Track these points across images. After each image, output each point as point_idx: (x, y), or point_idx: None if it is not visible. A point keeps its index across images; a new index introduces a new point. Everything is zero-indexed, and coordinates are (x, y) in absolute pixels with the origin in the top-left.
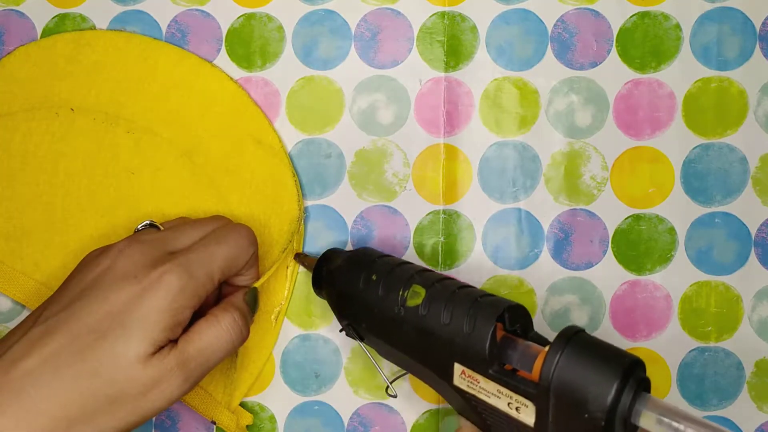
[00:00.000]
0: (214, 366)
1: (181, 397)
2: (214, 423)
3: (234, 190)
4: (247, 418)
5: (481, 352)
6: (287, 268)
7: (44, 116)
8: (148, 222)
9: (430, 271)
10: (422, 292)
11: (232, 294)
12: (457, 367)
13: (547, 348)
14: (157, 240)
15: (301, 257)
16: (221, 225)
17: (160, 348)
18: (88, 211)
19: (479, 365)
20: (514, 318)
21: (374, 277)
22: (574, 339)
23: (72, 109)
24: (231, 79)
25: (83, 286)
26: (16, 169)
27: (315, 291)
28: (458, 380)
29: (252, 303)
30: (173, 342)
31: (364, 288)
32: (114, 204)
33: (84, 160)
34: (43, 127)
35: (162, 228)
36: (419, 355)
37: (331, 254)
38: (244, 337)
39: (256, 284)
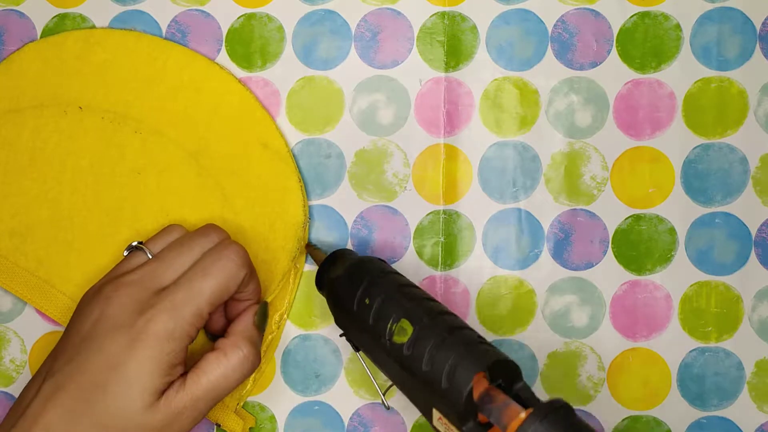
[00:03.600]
0: (224, 397)
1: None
2: (219, 425)
3: (239, 193)
4: (250, 421)
5: (457, 407)
6: (291, 273)
7: (53, 113)
8: (134, 244)
9: (430, 301)
10: (409, 329)
11: (236, 312)
12: (435, 412)
13: (524, 414)
14: (143, 279)
15: (311, 248)
16: (209, 250)
17: (166, 389)
18: (93, 209)
19: (455, 419)
20: (500, 371)
21: (367, 301)
22: (554, 414)
23: (80, 108)
24: (239, 81)
25: (81, 336)
26: (24, 166)
27: (317, 289)
28: (436, 423)
29: (261, 322)
30: (182, 376)
31: (357, 309)
32: (119, 203)
33: (91, 158)
34: (51, 125)
35: (149, 253)
36: (403, 387)
37: (337, 257)
38: (255, 366)
39: (268, 298)
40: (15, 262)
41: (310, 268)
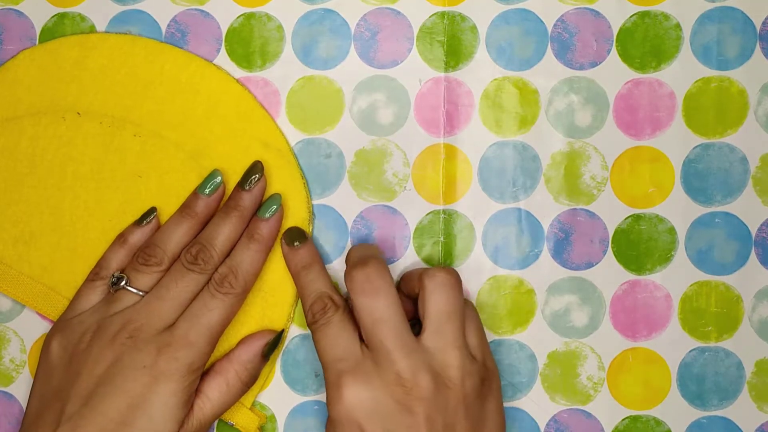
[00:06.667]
0: None
1: None
2: (232, 424)
3: None
4: (262, 418)
5: None
6: None
7: (51, 120)
8: (117, 277)
9: None
10: None
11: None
12: None
13: None
14: (150, 320)
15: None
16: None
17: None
18: (95, 214)
19: None
20: None
21: None
22: None
23: (78, 113)
24: (237, 81)
25: (96, 379)
26: (24, 174)
27: None
28: None
29: (270, 351)
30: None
31: None
32: (122, 207)
33: (91, 164)
34: (49, 132)
35: (136, 290)
36: None
37: None
38: (250, 386)
39: (289, 299)
40: (19, 270)
41: None
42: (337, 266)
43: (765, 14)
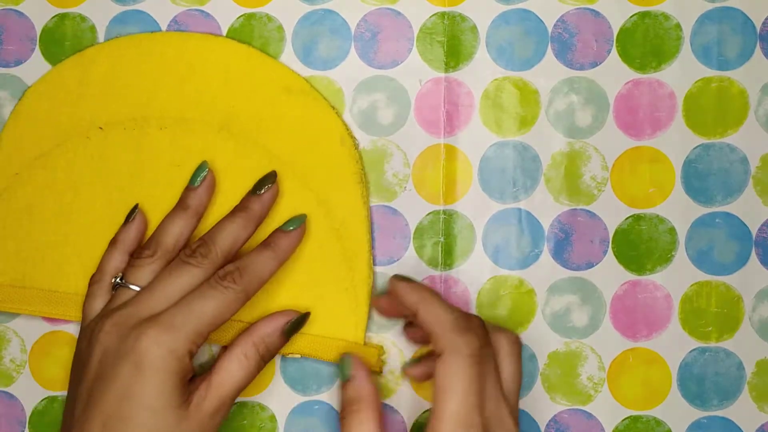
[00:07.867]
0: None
1: None
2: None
3: (281, 144)
4: (379, 349)
5: None
6: (363, 203)
7: (77, 144)
8: (119, 279)
9: None
10: None
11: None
12: None
13: None
14: (138, 309)
15: None
16: (208, 279)
17: (191, 396)
18: (152, 217)
19: None
20: None
21: None
22: None
23: (101, 128)
24: (237, 41)
25: (91, 378)
26: (70, 204)
27: None
28: None
29: (292, 331)
30: (206, 379)
31: None
32: (173, 200)
33: (129, 170)
34: (80, 155)
35: (134, 287)
36: None
37: None
38: (267, 361)
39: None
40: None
41: None
42: None
43: (765, 14)
